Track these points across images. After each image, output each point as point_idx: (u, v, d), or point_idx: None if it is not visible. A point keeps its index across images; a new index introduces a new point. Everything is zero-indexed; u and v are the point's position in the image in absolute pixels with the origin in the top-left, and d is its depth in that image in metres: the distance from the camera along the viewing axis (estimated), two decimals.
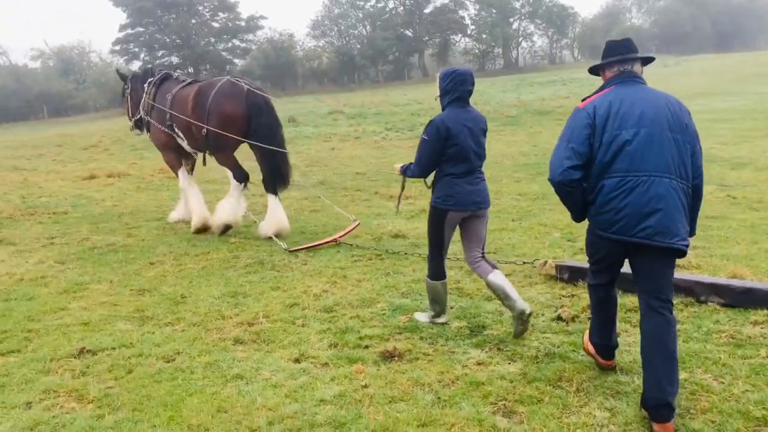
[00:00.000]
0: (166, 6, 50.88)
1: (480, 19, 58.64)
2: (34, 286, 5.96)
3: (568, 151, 3.35)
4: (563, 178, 3.34)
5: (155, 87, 8.61)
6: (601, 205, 3.31)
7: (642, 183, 3.19)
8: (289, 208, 9.48)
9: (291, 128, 21.59)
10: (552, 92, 28.17)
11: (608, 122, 3.30)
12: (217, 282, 5.92)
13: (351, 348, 4.29)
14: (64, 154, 18.61)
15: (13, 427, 3.38)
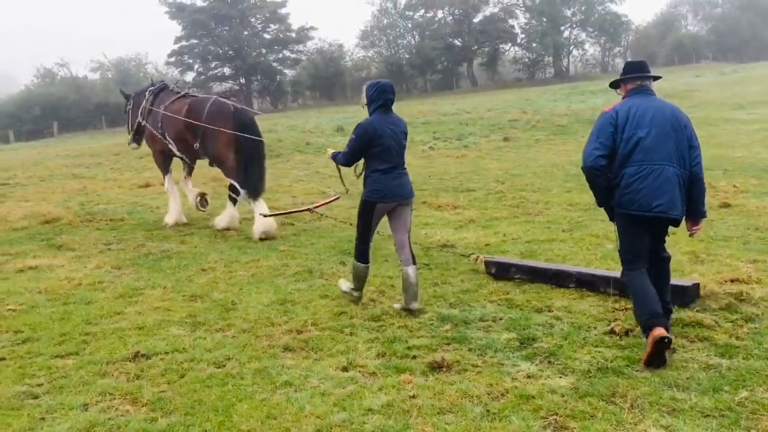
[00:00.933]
0: (219, 18, 52.08)
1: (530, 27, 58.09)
2: (91, 291, 6.13)
3: (597, 143, 4.33)
4: (594, 164, 4.32)
5: (153, 95, 9.63)
6: (624, 187, 4.23)
7: (654, 170, 4.15)
8: (338, 217, 9.54)
9: (339, 137, 21.76)
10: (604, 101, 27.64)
11: (628, 123, 4.27)
12: (267, 289, 5.99)
13: (399, 358, 4.28)
14: (121, 163, 19.14)
15: (71, 428, 3.48)
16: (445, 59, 56.99)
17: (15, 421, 3.56)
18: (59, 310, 5.54)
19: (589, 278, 5.50)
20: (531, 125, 21.47)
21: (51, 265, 7.08)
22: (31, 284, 6.36)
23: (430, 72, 57.69)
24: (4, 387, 4.01)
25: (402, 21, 58.04)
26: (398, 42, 57.94)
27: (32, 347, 4.71)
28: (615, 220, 4.43)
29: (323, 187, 12.78)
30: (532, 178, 12.19)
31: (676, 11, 76.17)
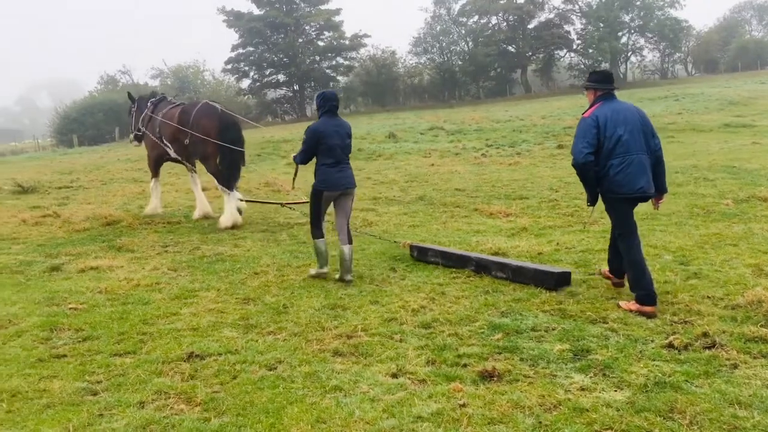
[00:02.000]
0: (275, 27, 53.03)
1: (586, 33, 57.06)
2: (149, 292, 6.30)
3: (585, 143, 5.24)
4: (585, 160, 5.24)
5: (153, 105, 11.04)
6: (613, 176, 5.22)
7: (634, 160, 5.20)
8: (389, 222, 9.57)
9: (390, 144, 21.83)
10: (663, 108, 26.96)
11: (608, 124, 5.24)
12: (318, 294, 6.04)
13: (449, 366, 4.24)
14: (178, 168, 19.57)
15: (128, 425, 3.57)
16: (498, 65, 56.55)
17: (75, 417, 3.67)
18: (118, 310, 5.70)
19: (486, 263, 6.49)
20: None
21: (111, 266, 7.31)
22: (92, 284, 6.57)
23: (482, 78, 57.31)
24: (65, 383, 4.15)
25: (455, 27, 57.87)
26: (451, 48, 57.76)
27: (92, 345, 4.86)
28: (605, 203, 5.46)
29: (375, 193, 12.83)
30: None
31: (739, 16, 73.71)
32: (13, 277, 6.98)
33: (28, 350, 4.77)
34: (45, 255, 8.03)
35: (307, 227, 8.16)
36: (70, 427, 3.55)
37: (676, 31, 57.58)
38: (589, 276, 6.19)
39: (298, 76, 54.20)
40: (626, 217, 5.40)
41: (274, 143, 23.44)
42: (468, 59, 55.68)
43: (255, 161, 20.24)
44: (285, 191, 11.05)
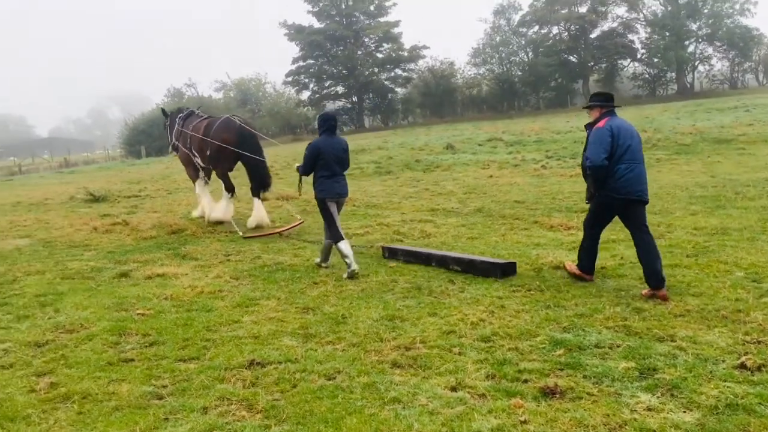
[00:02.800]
0: (335, 39, 53.78)
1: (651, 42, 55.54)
2: (212, 299, 6.45)
3: (601, 149, 6.02)
4: (602, 163, 6.01)
5: (183, 120, 12.11)
6: (618, 179, 6.01)
7: (636, 167, 6.05)
8: (447, 234, 9.53)
9: (448, 155, 21.77)
10: (733, 118, 25.97)
11: (620, 135, 6.06)
12: (376, 305, 6.05)
13: (509, 381, 4.18)
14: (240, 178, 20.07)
15: (192, 430, 3.66)
16: (559, 76, 55.68)
17: (142, 420, 3.78)
18: (183, 316, 5.85)
19: (445, 258, 7.39)
20: (651, 144, 20.49)
21: (176, 273, 7.52)
22: (159, 290, 6.77)
23: (543, 89, 56.55)
24: (132, 386, 4.29)
25: (515, 38, 57.33)
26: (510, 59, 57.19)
27: (158, 350, 5.00)
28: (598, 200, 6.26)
29: (432, 204, 12.80)
30: (653, 199, 11.58)
31: None
32: (84, 283, 7.26)
33: (98, 354, 4.95)
34: (114, 261, 8.33)
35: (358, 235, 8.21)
36: (137, 430, 3.66)
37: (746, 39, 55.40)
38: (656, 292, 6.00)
39: (357, 87, 54.72)
40: (607, 217, 6.43)
41: None
42: (528, 69, 55.04)
43: None
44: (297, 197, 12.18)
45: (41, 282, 7.33)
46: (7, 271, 7.91)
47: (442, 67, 55.13)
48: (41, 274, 7.74)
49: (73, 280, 7.43)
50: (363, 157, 22.45)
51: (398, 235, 9.58)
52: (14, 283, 7.35)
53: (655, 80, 56.78)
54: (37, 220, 12.27)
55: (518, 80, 55.70)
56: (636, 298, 5.82)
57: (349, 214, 12.14)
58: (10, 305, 6.41)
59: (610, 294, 6.03)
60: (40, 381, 4.43)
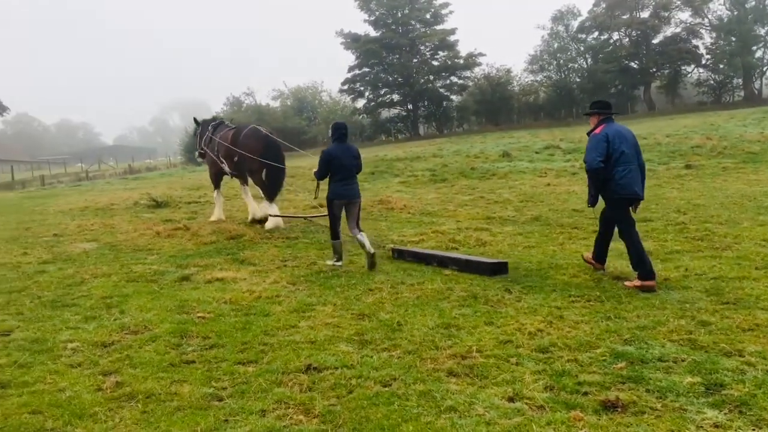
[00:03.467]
0: (391, 48, 53.99)
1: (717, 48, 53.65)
2: (269, 304, 6.54)
3: (597, 154, 6.72)
4: (597, 167, 6.72)
5: (213, 128, 12.95)
6: (617, 180, 6.70)
7: (632, 169, 6.73)
8: (503, 243, 9.42)
9: (504, 163, 21.55)
10: None
11: (615, 140, 6.73)
12: (432, 312, 6.02)
13: (568, 393, 4.09)
14: (296, 185, 20.35)
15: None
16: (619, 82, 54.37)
17: (203, 421, 3.87)
18: (241, 320, 5.96)
19: (445, 259, 8.06)
20: (717, 152, 19.84)
21: (235, 278, 7.66)
22: (218, 294, 6.92)
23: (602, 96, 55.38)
24: (193, 388, 4.39)
25: (574, 44, 56.33)
26: (569, 65, 56.17)
27: (218, 353, 5.11)
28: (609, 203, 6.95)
29: (488, 212, 12.68)
30: (719, 209, 11.22)
31: None
32: (148, 286, 7.48)
33: (161, 355, 5.09)
34: (176, 265, 8.56)
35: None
36: (199, 430, 3.74)
37: None
38: (722, 305, 5.79)
39: (412, 95, 54.73)
40: (626, 213, 6.91)
41: (388, 161, 23.80)
42: (587, 76, 53.90)
43: (368, 179, 20.63)
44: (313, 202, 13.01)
45: (107, 284, 7.59)
46: (75, 273, 8.22)
47: (498, 75, 54.58)
48: (107, 276, 8.02)
49: (137, 282, 7.67)
50: (418, 165, 22.45)
51: (453, 243, 9.53)
52: (82, 284, 7.63)
53: (721, 87, 54.78)
54: (104, 225, 12.73)
55: (576, 87, 54.63)
56: (702, 311, 5.62)
57: (404, 221, 12.16)
58: (78, 306, 6.65)
59: (674, 306, 5.84)
60: (106, 380, 4.57)
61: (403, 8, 53.53)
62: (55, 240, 11.13)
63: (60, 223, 13.46)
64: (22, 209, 17.26)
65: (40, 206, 17.90)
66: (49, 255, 9.61)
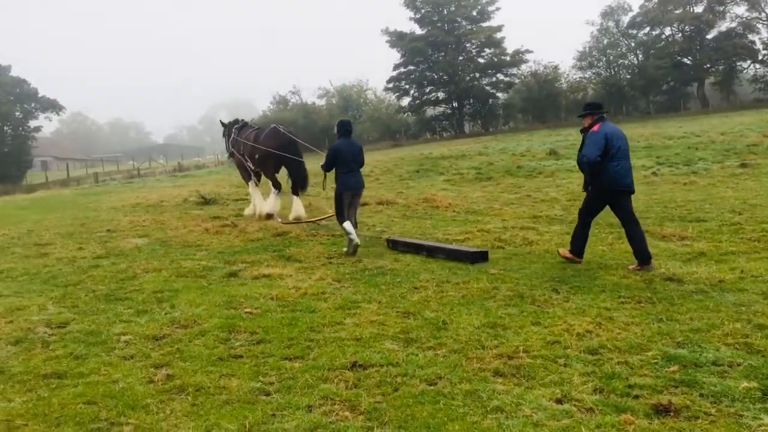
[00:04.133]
0: (436, 45, 53.79)
1: None
2: (315, 300, 6.59)
3: (596, 149, 7.34)
4: (596, 160, 7.35)
5: (238, 130, 13.90)
6: (611, 173, 7.37)
7: (625, 164, 7.45)
8: (550, 242, 9.29)
9: (551, 161, 21.25)
10: None
11: (613, 138, 7.42)
12: (477, 312, 5.97)
13: (618, 395, 4.01)
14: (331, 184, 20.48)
15: (297, 427, 3.75)
16: (671, 79, 52.98)
17: (251, 414, 3.92)
18: (288, 316, 6.02)
19: (432, 248, 8.78)
20: None
21: (281, 274, 7.75)
22: (265, 290, 7.01)
23: (653, 93, 54.00)
24: (241, 382, 4.45)
25: (624, 40, 55.10)
26: (619, 62, 54.96)
27: (265, 348, 5.17)
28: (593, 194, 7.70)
29: (535, 211, 12.52)
30: None
31: None
32: (197, 281, 7.63)
33: (210, 349, 5.18)
34: (224, 262, 8.71)
35: None
36: (247, 424, 3.79)
37: None
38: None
39: (458, 93, 54.42)
40: (600, 206, 7.74)
41: (433, 159, 23.75)
42: (637, 73, 52.69)
43: (413, 177, 20.62)
44: None
45: (158, 279, 7.77)
46: (127, 268, 8.44)
47: (545, 71, 53.84)
48: (158, 271, 8.21)
49: (187, 278, 7.82)
50: (463, 163, 22.33)
51: (499, 242, 9.44)
52: (134, 279, 7.83)
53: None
54: (154, 221, 13.04)
55: (627, 84, 53.46)
56: (758, 315, 5.43)
57: (449, 219, 12.11)
58: (131, 300, 6.83)
59: (729, 309, 5.66)
60: (157, 372, 4.68)
61: (449, 5, 53.26)
62: (108, 235, 11.45)
63: (113, 219, 13.86)
64: (77, 205, 17.83)
65: (94, 203, 18.47)
66: (103, 250, 9.89)
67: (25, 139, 58.08)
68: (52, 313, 6.35)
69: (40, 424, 3.90)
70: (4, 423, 3.90)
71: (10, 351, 5.27)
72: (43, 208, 17.54)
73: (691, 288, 6.41)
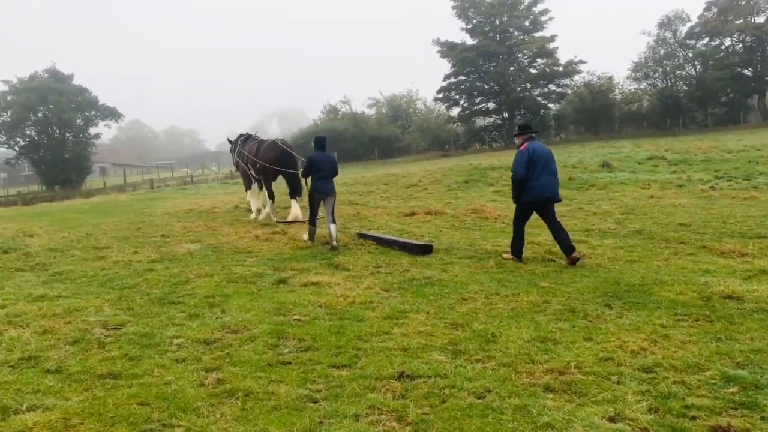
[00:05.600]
0: (487, 56, 53.52)
1: None
2: (363, 309, 6.60)
3: (522, 166, 8.59)
4: (522, 177, 8.61)
5: (242, 142, 15.58)
6: (535, 186, 8.62)
7: (546, 177, 8.63)
8: (603, 256, 9.10)
9: (604, 174, 20.84)
10: None
11: (536, 155, 8.60)
12: (527, 325, 5.88)
13: (674, 416, 3.88)
14: (390, 192, 20.54)
15: None
16: (730, 90, 51.43)
17: (298, 421, 3.94)
18: (336, 324, 6.04)
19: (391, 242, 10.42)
20: None
21: (329, 282, 7.79)
22: (313, 298, 7.06)
23: (711, 105, 52.46)
24: (290, 388, 4.48)
25: (682, 50, 53.78)
26: (676, 73, 53.64)
27: (313, 355, 5.20)
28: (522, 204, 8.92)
29: (587, 224, 12.28)
30: None
31: None
32: (247, 287, 7.74)
33: (259, 354, 5.24)
34: (273, 268, 8.81)
35: None
36: (294, 431, 3.81)
37: None
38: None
39: (508, 104, 53.97)
40: (527, 214, 9.00)
41: (482, 170, 23.58)
42: (695, 84, 51.30)
43: (462, 188, 20.51)
44: None
45: (210, 284, 7.91)
46: (180, 273, 8.63)
47: (599, 82, 52.91)
48: (210, 276, 8.36)
49: (237, 283, 7.94)
50: None
51: (550, 254, 9.28)
52: (187, 284, 8.00)
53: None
54: (206, 227, 13.31)
55: (684, 95, 52.10)
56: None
57: (497, 231, 11.99)
58: (183, 304, 6.97)
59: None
60: (208, 376, 4.75)
61: (501, 16, 52.97)
62: (162, 240, 11.74)
63: (167, 224, 14.20)
64: (133, 210, 18.34)
65: (149, 208, 18.96)
66: (157, 254, 10.14)
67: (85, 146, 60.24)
68: (109, 315, 6.53)
69: (95, 423, 4.00)
70: (62, 421, 4.02)
71: (68, 351, 5.44)
72: (101, 213, 18.10)
73: (752, 306, 6.17)
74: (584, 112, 52.03)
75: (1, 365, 5.09)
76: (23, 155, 58.63)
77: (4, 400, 4.33)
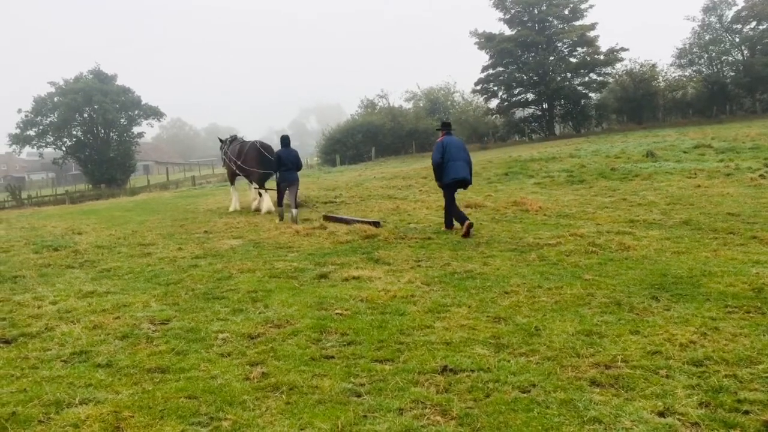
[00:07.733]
0: (526, 46, 52.80)
1: None
2: (404, 303, 6.60)
3: (439, 154, 11.26)
4: (437, 163, 11.27)
5: (229, 143, 17.70)
6: (449, 170, 11.20)
7: (456, 164, 11.22)
8: (648, 247, 8.90)
9: (648, 163, 20.38)
10: None
11: (449, 146, 11.31)
12: (571, 318, 5.80)
13: (726, 411, 3.78)
14: (429, 186, 20.41)
15: (389, 430, 3.75)
16: None
17: (343, 415, 3.96)
18: (377, 318, 6.06)
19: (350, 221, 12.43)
20: None
21: (370, 277, 7.81)
22: (355, 292, 7.08)
23: (760, 91, 50.76)
24: (333, 382, 4.51)
25: (728, 35, 52.15)
26: (722, 59, 52.02)
27: (356, 349, 5.22)
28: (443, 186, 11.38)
29: (631, 215, 12.04)
30: None
31: None
32: (289, 282, 7.81)
33: (302, 348, 5.28)
34: (314, 263, 8.87)
35: None
36: (339, 424, 3.84)
37: None
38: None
39: (548, 94, 53.17)
40: (452, 192, 11.27)
41: (522, 162, 23.29)
42: (743, 70, 49.68)
43: (502, 180, 20.30)
44: None
45: (252, 279, 8.01)
46: (223, 268, 8.76)
47: (642, 70, 51.70)
48: (252, 272, 8.46)
49: (279, 279, 8.02)
50: (553, 166, 21.77)
51: (593, 246, 9.13)
52: (230, 279, 8.11)
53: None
54: (248, 223, 13.48)
55: (730, 81, 50.57)
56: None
57: (539, 223, 11.85)
58: (227, 299, 7.07)
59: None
60: (253, 370, 4.82)
61: (540, 5, 52.17)
62: (205, 237, 11.94)
63: (209, 220, 14.43)
64: (176, 208, 18.68)
65: (192, 205, 19.29)
66: (201, 250, 10.31)
67: (129, 145, 61.69)
68: (155, 310, 6.67)
69: (145, 416, 4.09)
70: (113, 414, 4.12)
71: (117, 345, 5.58)
72: (145, 210, 18.49)
73: None
74: (626, 101, 50.94)
75: (54, 360, 5.24)
76: (70, 155, 60.40)
77: (57, 394, 4.46)
